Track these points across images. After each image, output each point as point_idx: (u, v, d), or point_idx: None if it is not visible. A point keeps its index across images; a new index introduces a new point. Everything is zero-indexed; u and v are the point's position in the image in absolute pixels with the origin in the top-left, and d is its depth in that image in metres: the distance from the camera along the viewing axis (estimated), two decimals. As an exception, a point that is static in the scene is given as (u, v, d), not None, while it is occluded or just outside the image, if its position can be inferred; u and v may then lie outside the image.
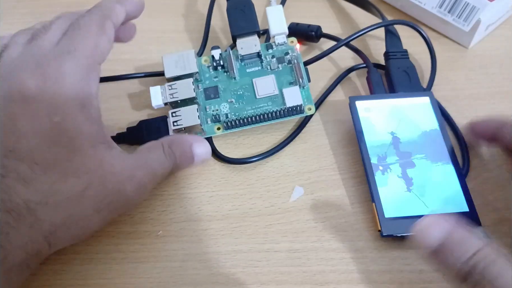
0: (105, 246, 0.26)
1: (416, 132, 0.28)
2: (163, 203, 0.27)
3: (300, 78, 0.29)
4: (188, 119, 0.28)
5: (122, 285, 0.24)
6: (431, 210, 0.25)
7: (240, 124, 0.28)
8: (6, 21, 0.37)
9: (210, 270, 0.25)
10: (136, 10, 0.28)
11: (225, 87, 0.30)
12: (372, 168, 0.26)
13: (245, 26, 0.30)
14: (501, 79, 0.33)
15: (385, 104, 0.29)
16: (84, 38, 0.24)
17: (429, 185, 0.26)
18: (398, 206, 0.25)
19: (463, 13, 0.33)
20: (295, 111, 0.28)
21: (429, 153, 0.27)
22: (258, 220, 0.26)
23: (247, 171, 0.28)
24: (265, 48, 0.31)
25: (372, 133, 0.28)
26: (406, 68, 0.31)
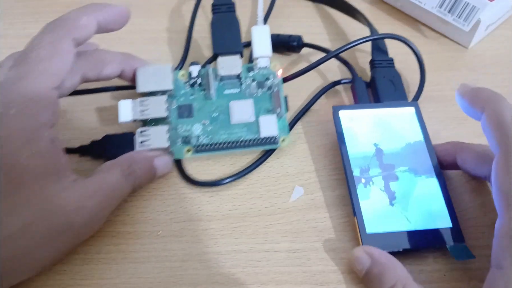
0: (105, 246, 0.26)
1: (400, 144, 0.27)
2: (163, 203, 0.27)
3: (278, 107, 0.28)
4: (157, 140, 0.26)
5: (122, 285, 0.24)
6: (414, 225, 0.24)
7: (212, 149, 0.27)
8: (5, 21, 0.37)
9: (210, 270, 0.25)
10: (115, 21, 0.26)
11: (201, 107, 0.28)
12: (354, 181, 0.26)
13: (228, 45, 0.29)
14: (501, 79, 0.33)
15: (369, 114, 0.28)
16: (34, 63, 0.23)
17: (412, 199, 0.25)
18: (380, 221, 0.25)
19: (463, 13, 0.33)
20: (269, 142, 0.27)
21: (412, 165, 0.26)
22: (258, 220, 0.26)
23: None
24: (246, 70, 0.29)
25: (355, 144, 0.27)
26: (392, 77, 0.31)
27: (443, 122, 0.31)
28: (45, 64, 0.23)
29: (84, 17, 0.25)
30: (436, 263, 0.25)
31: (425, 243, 0.24)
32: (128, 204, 0.27)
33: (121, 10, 0.26)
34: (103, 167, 0.25)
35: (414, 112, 0.29)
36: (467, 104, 0.24)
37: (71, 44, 0.24)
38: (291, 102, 0.30)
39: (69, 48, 0.24)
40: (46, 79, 0.23)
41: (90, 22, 0.25)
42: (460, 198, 0.27)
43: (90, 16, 0.25)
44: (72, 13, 0.25)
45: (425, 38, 0.36)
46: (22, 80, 0.23)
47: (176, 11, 0.38)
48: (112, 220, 0.27)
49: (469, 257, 0.23)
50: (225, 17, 0.30)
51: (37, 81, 0.23)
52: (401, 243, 0.24)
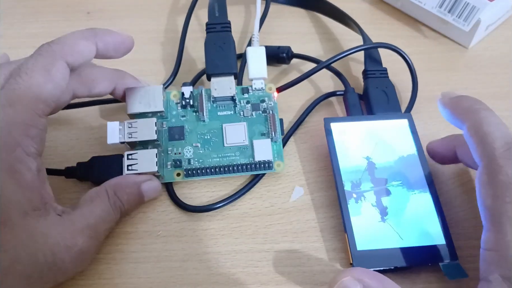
0: (105, 246, 0.25)
1: (393, 157, 0.26)
2: (163, 203, 0.27)
3: (273, 131, 0.27)
4: (145, 164, 0.25)
5: (122, 285, 0.24)
6: (406, 242, 0.24)
7: (203, 173, 0.26)
8: (6, 21, 0.37)
9: (210, 270, 0.25)
10: (116, 49, 0.25)
11: (192, 129, 0.28)
12: (345, 196, 0.25)
13: (222, 65, 0.28)
14: (501, 79, 0.33)
15: (361, 126, 0.28)
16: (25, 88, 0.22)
17: (404, 215, 0.25)
18: (371, 237, 0.24)
19: (463, 13, 0.33)
20: (263, 166, 0.27)
21: (405, 180, 0.26)
22: (258, 220, 0.26)
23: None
24: (240, 91, 0.29)
25: (347, 158, 0.26)
26: (385, 88, 0.30)
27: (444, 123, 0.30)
28: (36, 91, 0.22)
29: (83, 42, 0.24)
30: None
31: (418, 260, 0.23)
32: (128, 204, 0.27)
33: (124, 39, 0.25)
34: (89, 196, 0.24)
35: (408, 125, 0.28)
36: (449, 114, 0.24)
37: (65, 70, 0.23)
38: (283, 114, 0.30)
39: (63, 75, 0.23)
40: (36, 107, 0.22)
41: (88, 47, 0.24)
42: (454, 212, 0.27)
43: (89, 41, 0.24)
44: (70, 35, 0.24)
45: (425, 38, 0.36)
46: (11, 107, 0.21)
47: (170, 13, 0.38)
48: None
49: (462, 276, 0.23)
50: (219, 37, 0.29)
51: (26, 109, 0.22)
52: (392, 260, 0.23)
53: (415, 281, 0.24)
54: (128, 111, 0.27)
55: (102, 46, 0.24)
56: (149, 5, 0.39)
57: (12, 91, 0.22)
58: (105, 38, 0.25)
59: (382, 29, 0.37)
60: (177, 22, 0.37)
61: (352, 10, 0.38)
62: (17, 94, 0.22)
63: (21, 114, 0.22)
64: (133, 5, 0.39)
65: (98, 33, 0.25)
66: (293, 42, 0.34)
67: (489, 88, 0.32)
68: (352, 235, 0.24)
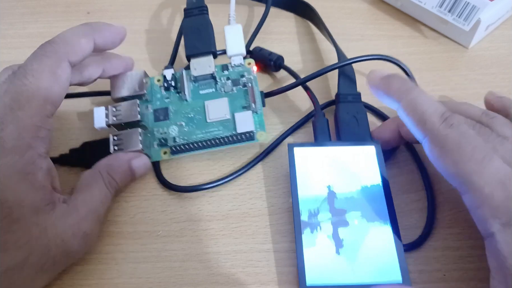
0: (105, 246, 0.26)
1: (356, 187, 0.25)
2: (163, 203, 0.27)
3: (253, 102, 0.28)
4: (130, 143, 0.26)
5: (122, 285, 0.24)
6: (360, 279, 0.22)
7: (188, 149, 0.27)
8: (5, 21, 0.37)
9: (210, 270, 0.25)
10: (112, 42, 0.26)
11: (176, 109, 0.28)
12: (300, 226, 0.24)
13: (199, 46, 0.29)
14: (501, 79, 0.33)
15: (326, 153, 0.26)
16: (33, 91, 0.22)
17: (361, 248, 0.23)
18: (323, 272, 0.23)
19: (463, 12, 0.33)
20: (246, 137, 0.27)
21: (366, 211, 0.24)
22: (258, 220, 0.26)
23: (247, 172, 0.28)
24: (220, 69, 0.29)
25: (308, 185, 0.25)
26: (356, 114, 0.28)
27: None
28: (44, 93, 0.23)
29: (83, 40, 0.24)
30: (437, 262, 0.24)
31: None
32: (129, 204, 0.27)
33: (118, 31, 0.26)
34: (85, 181, 0.25)
35: (375, 152, 0.26)
36: (382, 94, 0.25)
37: (69, 69, 0.24)
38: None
39: (67, 75, 0.24)
40: (45, 109, 0.23)
41: (87, 44, 0.25)
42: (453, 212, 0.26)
43: (89, 37, 0.25)
44: (70, 34, 0.24)
45: (425, 38, 0.36)
46: (21, 110, 0.22)
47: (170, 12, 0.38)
48: (112, 220, 0.27)
49: None
50: (197, 20, 0.30)
51: (36, 111, 0.22)
52: None
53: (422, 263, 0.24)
54: (112, 96, 0.28)
55: (101, 41, 0.25)
56: (149, 5, 0.39)
57: (19, 94, 0.22)
58: (103, 33, 0.25)
59: (382, 29, 0.37)
60: (177, 21, 0.37)
61: (351, 10, 0.38)
62: (25, 96, 0.22)
63: (31, 116, 0.22)
64: (133, 5, 0.39)
65: (95, 29, 0.25)
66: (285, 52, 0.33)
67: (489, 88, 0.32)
68: (303, 268, 0.23)
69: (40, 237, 0.21)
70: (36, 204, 0.22)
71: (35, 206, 0.22)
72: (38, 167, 0.22)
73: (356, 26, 0.35)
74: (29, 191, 0.22)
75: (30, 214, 0.21)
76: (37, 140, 0.22)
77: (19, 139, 0.22)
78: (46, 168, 0.23)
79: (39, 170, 0.22)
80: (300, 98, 0.32)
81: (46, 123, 0.23)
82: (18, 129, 0.22)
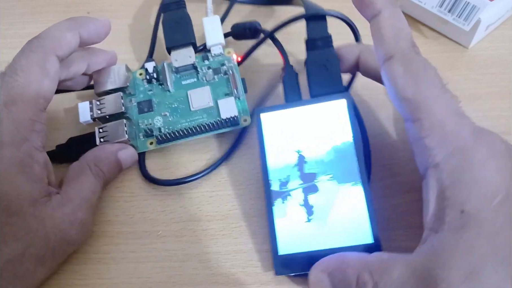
0: (104, 246, 0.25)
1: (326, 148, 0.24)
2: (163, 203, 0.27)
3: (235, 88, 0.28)
4: (115, 134, 0.27)
5: (122, 285, 0.24)
6: (331, 243, 0.22)
7: (173, 137, 0.27)
8: (5, 21, 0.37)
9: (210, 270, 0.25)
10: (97, 35, 0.26)
11: (160, 100, 0.29)
12: (271, 197, 0.23)
13: (179, 38, 0.29)
14: (501, 79, 0.33)
15: (294, 114, 0.25)
16: (24, 86, 0.23)
17: (331, 213, 0.22)
18: (295, 240, 0.22)
19: (463, 12, 0.33)
20: (230, 122, 0.27)
21: (337, 173, 0.23)
22: (258, 220, 0.26)
23: (247, 172, 0.28)
24: (201, 59, 0.30)
25: (277, 153, 0.24)
26: (326, 61, 0.25)
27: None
28: (35, 88, 0.23)
29: (69, 34, 0.25)
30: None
31: None
32: (128, 204, 0.27)
33: (103, 24, 0.27)
34: (73, 173, 0.25)
35: (346, 106, 0.24)
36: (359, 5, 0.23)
37: (57, 63, 0.24)
38: None
39: (56, 68, 0.24)
40: (38, 102, 0.23)
41: (73, 38, 0.25)
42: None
43: (74, 32, 0.25)
44: (56, 29, 0.25)
45: (425, 38, 0.36)
46: (14, 105, 0.22)
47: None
48: (112, 220, 0.27)
49: None
50: (175, 14, 0.30)
51: (29, 106, 0.23)
52: None
53: None
54: (96, 90, 0.28)
55: (86, 35, 0.26)
56: (149, 5, 0.39)
57: (11, 89, 0.23)
58: (88, 27, 0.26)
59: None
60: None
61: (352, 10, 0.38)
62: (17, 92, 0.23)
63: (25, 110, 0.23)
64: (133, 5, 0.39)
65: (80, 23, 0.26)
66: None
67: (489, 88, 0.32)
68: (275, 239, 0.23)
69: (39, 229, 0.22)
70: (34, 196, 0.22)
71: (33, 198, 0.22)
72: (35, 160, 0.23)
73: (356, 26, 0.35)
74: (27, 184, 0.22)
75: (28, 207, 0.22)
76: (33, 133, 0.23)
77: (16, 133, 0.22)
78: (42, 161, 0.23)
79: (36, 163, 0.23)
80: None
81: (40, 117, 0.24)
82: (14, 123, 0.22)
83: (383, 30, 0.21)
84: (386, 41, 0.21)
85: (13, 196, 0.22)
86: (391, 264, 0.19)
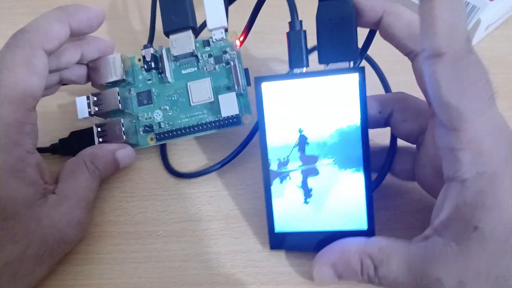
0: (105, 246, 0.26)
1: (330, 130, 0.22)
2: (163, 203, 0.27)
3: (236, 84, 0.26)
4: (113, 134, 0.26)
5: (123, 285, 0.24)
6: (326, 226, 0.23)
7: (173, 135, 0.27)
8: (5, 21, 0.37)
9: (210, 270, 0.25)
10: (90, 26, 0.25)
11: (159, 92, 0.28)
12: (269, 176, 0.23)
13: (177, 21, 0.26)
14: (501, 79, 0.33)
15: (299, 86, 0.22)
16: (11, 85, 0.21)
17: (330, 197, 0.23)
18: (291, 220, 0.23)
19: (463, 13, 0.33)
20: (232, 121, 0.26)
21: (339, 157, 0.22)
22: (258, 220, 0.26)
23: (247, 171, 0.28)
24: (202, 45, 0.27)
25: (277, 130, 0.23)
26: (340, 17, 0.21)
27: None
28: (22, 87, 0.22)
29: (57, 26, 0.23)
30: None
31: None
32: (129, 204, 0.27)
33: (96, 13, 0.25)
34: (69, 169, 0.25)
35: (357, 82, 0.22)
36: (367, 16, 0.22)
37: (45, 58, 0.23)
38: None
39: (44, 64, 0.23)
40: (26, 103, 0.22)
41: (63, 30, 0.23)
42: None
43: (63, 23, 0.23)
44: (43, 20, 0.23)
45: (425, 38, 0.36)
46: (1, 108, 0.21)
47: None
48: (112, 220, 0.27)
49: None
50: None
51: (16, 107, 0.22)
52: (310, 244, 0.23)
53: None
54: (93, 84, 0.28)
55: (77, 26, 0.24)
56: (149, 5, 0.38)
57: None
58: (78, 17, 0.24)
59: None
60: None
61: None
62: (3, 93, 0.21)
63: (13, 113, 0.22)
64: (133, 5, 0.38)
65: (70, 13, 0.24)
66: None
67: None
68: (272, 217, 0.23)
69: (37, 230, 0.22)
70: (29, 199, 0.22)
71: (29, 201, 0.22)
72: (27, 163, 0.22)
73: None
74: (21, 188, 0.22)
75: (24, 209, 0.22)
76: (23, 136, 0.22)
77: (4, 137, 0.21)
78: (35, 163, 0.23)
79: (29, 167, 0.22)
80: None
81: (29, 118, 0.22)
82: (2, 127, 0.21)
83: (437, 21, 0.17)
84: (439, 35, 0.17)
85: (8, 200, 0.21)
86: (389, 253, 0.20)
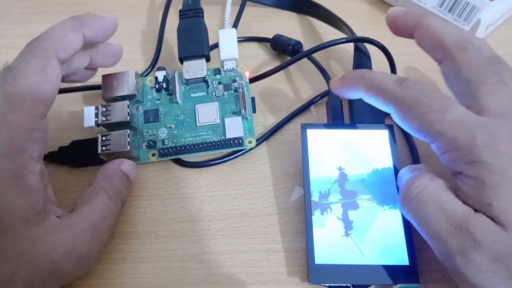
0: (105, 246, 0.25)
1: (367, 169, 0.25)
2: (163, 203, 0.27)
3: (243, 108, 0.28)
4: (117, 144, 0.26)
5: (122, 285, 0.24)
6: (367, 260, 0.23)
7: (176, 152, 0.28)
8: (5, 21, 0.37)
9: (210, 270, 0.25)
10: (103, 35, 0.25)
11: (167, 111, 0.29)
12: (311, 207, 0.24)
13: (192, 49, 0.29)
14: (501, 79, 0.33)
15: (339, 135, 0.27)
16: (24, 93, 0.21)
17: (370, 231, 0.24)
18: (332, 252, 0.23)
19: (463, 12, 0.33)
20: (235, 143, 0.27)
21: (377, 194, 0.25)
22: (258, 220, 0.26)
23: (247, 171, 0.28)
24: (213, 73, 0.30)
25: (319, 167, 0.25)
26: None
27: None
28: (35, 94, 0.22)
29: (72, 35, 0.23)
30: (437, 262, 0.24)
31: (377, 279, 0.23)
32: (129, 204, 0.27)
33: (109, 22, 0.25)
34: (86, 195, 0.24)
35: (388, 136, 0.26)
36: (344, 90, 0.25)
37: (59, 67, 0.23)
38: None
39: (58, 72, 0.23)
40: (37, 110, 0.22)
41: (77, 39, 0.23)
42: None
43: (78, 32, 0.23)
44: (58, 29, 0.23)
45: (425, 38, 0.36)
46: (12, 113, 0.21)
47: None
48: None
49: None
50: (191, 22, 0.30)
51: (28, 113, 0.21)
52: (351, 277, 0.23)
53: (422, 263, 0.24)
54: (103, 96, 0.28)
55: (91, 35, 0.24)
56: (149, 5, 0.39)
57: (9, 96, 0.21)
58: (93, 26, 0.24)
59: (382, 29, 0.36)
60: (176, 22, 0.37)
61: (351, 10, 0.38)
62: (16, 99, 0.21)
63: (23, 119, 0.21)
64: (133, 5, 0.39)
65: (84, 22, 0.24)
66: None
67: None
68: (312, 247, 0.23)
69: (29, 252, 0.20)
70: (26, 213, 0.20)
71: (25, 215, 0.20)
72: (29, 170, 0.21)
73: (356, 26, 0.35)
74: (19, 197, 0.20)
75: (19, 224, 0.20)
76: (31, 142, 0.21)
77: (11, 143, 0.21)
78: (38, 171, 0.22)
79: (30, 174, 0.21)
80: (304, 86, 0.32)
81: (39, 125, 0.22)
82: (10, 132, 0.21)
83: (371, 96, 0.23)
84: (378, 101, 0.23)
85: (4, 212, 0.20)
86: None
